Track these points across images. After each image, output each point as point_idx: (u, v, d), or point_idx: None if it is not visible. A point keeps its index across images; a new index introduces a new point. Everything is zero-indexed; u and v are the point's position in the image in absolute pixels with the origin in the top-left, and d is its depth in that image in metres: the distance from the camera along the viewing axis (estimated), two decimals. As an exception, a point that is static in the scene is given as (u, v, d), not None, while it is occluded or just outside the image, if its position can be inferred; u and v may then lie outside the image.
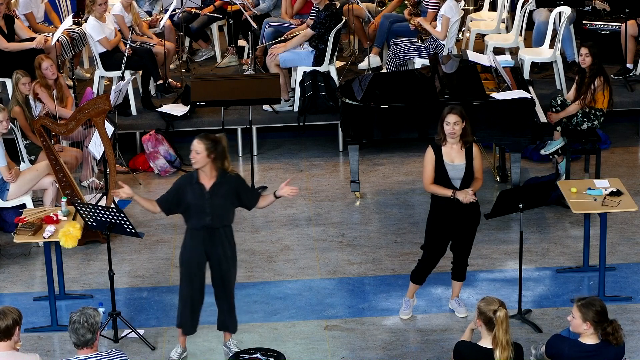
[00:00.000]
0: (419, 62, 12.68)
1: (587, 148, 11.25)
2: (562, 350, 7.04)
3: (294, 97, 12.78)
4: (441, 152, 8.65)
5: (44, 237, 9.06)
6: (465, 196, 8.56)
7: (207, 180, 8.20)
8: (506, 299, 8.08)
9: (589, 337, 7.02)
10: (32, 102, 11.22)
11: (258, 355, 7.96)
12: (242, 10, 13.65)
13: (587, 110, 11.22)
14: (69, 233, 8.87)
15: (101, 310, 7.25)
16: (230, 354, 8.40)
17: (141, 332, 8.97)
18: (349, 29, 14.16)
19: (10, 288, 9.89)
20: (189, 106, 12.53)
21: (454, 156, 8.65)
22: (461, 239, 8.90)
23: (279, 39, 13.11)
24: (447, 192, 8.61)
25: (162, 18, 13.64)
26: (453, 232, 8.83)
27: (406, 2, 13.33)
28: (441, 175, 8.65)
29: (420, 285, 9.10)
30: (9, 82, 12.32)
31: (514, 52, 13.64)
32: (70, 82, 12.86)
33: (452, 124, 8.56)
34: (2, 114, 10.15)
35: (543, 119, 11.01)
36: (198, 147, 8.13)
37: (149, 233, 10.66)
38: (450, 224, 8.77)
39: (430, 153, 8.69)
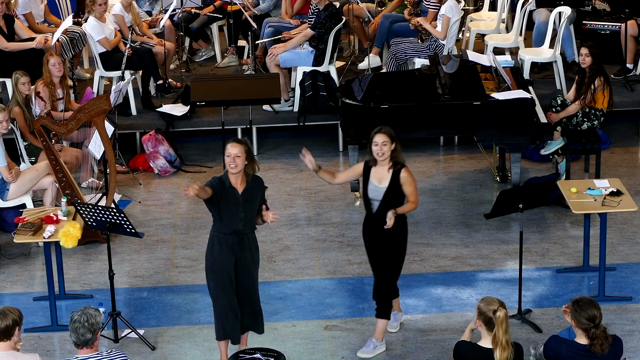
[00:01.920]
0: (419, 62, 12.67)
1: (587, 148, 11.25)
2: (560, 352, 7.04)
3: (294, 97, 12.78)
4: (370, 170, 8.41)
5: (44, 237, 9.06)
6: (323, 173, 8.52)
7: (239, 184, 8.03)
8: (506, 299, 8.08)
9: (583, 338, 7.02)
10: (33, 101, 11.22)
11: (258, 355, 7.95)
12: (242, 10, 13.65)
13: (587, 110, 11.22)
14: (69, 233, 8.87)
15: (101, 310, 7.24)
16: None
17: (141, 332, 8.97)
18: (349, 29, 14.16)
19: (10, 288, 9.89)
20: (189, 106, 12.53)
21: (380, 177, 8.35)
22: (376, 263, 8.52)
23: (277, 37, 13.12)
24: (329, 177, 8.58)
25: (162, 18, 13.64)
26: (371, 253, 8.55)
27: (406, 2, 13.34)
28: (364, 192, 8.43)
29: (395, 297, 8.77)
30: (9, 82, 12.32)
31: (514, 52, 13.64)
32: (70, 82, 12.86)
33: (381, 144, 8.26)
34: (2, 114, 10.15)
35: (543, 119, 11.01)
36: (238, 151, 7.93)
37: (149, 233, 10.65)
38: (367, 239, 8.53)
39: (360, 165, 8.49)
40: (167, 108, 12.64)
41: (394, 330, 8.93)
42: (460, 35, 13.86)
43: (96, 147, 10.67)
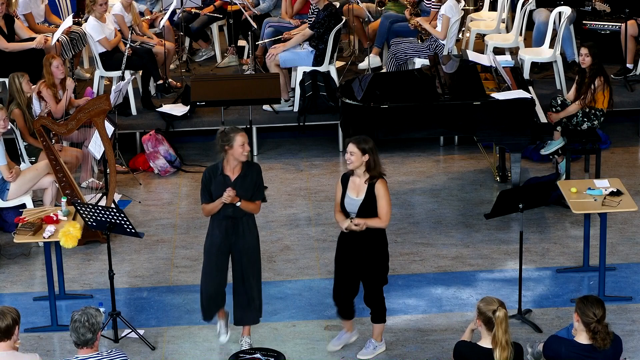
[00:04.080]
0: (419, 62, 12.68)
1: (587, 148, 11.25)
2: (559, 351, 7.04)
3: (294, 97, 12.78)
4: (347, 182, 8.32)
5: (44, 237, 9.06)
6: (344, 224, 8.19)
7: (232, 172, 8.29)
8: (506, 299, 8.09)
9: (583, 336, 7.02)
10: (35, 101, 11.21)
11: (258, 355, 7.96)
12: (242, 10, 13.65)
13: (587, 110, 11.22)
14: (69, 233, 8.87)
15: (102, 310, 7.24)
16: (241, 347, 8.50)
17: (141, 332, 8.97)
18: (349, 29, 14.16)
19: (10, 288, 9.89)
20: (189, 106, 12.53)
21: (356, 189, 8.23)
22: (363, 272, 8.41)
23: (277, 37, 13.13)
24: (340, 221, 8.24)
25: (162, 17, 13.64)
26: (354, 265, 8.38)
27: (406, 2, 13.33)
28: (341, 205, 8.32)
29: (349, 318, 8.65)
30: (7, 84, 12.29)
31: (514, 52, 13.64)
32: (74, 83, 12.84)
33: (348, 153, 8.14)
34: (0, 113, 10.14)
35: (543, 119, 11.01)
36: (247, 140, 8.21)
37: (149, 233, 10.65)
38: (348, 255, 8.38)
39: (339, 180, 8.38)
40: (167, 108, 12.64)
41: (334, 348, 8.72)
42: (460, 35, 13.85)
43: (96, 147, 10.67)
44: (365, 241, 8.26)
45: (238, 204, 8.24)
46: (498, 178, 11.75)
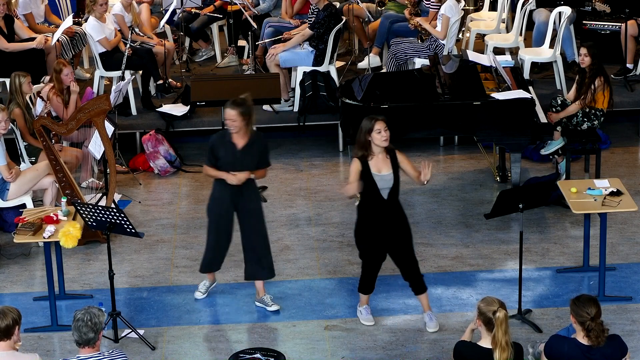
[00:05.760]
0: (419, 62, 12.68)
1: (587, 148, 11.25)
2: (561, 350, 7.04)
3: (294, 97, 12.78)
4: (368, 163, 8.62)
5: (44, 237, 9.06)
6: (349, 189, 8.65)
7: (240, 140, 8.75)
8: (506, 299, 8.09)
9: (581, 336, 7.02)
10: (38, 102, 11.21)
11: (258, 355, 7.96)
12: (242, 10, 13.66)
13: (587, 110, 11.22)
14: (69, 233, 8.87)
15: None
16: (267, 308, 9.08)
17: (141, 332, 8.97)
18: (349, 29, 14.16)
19: (10, 288, 9.89)
20: (189, 106, 12.53)
21: (380, 166, 8.63)
22: (396, 251, 8.78)
23: (277, 37, 13.13)
24: (352, 189, 8.62)
25: (162, 18, 13.64)
26: (384, 243, 8.74)
27: (406, 2, 13.34)
28: (369, 185, 8.60)
29: (369, 294, 9.04)
30: (9, 82, 12.30)
31: (514, 52, 13.64)
32: (77, 88, 12.83)
33: (383, 130, 8.55)
34: (1, 114, 10.15)
35: (543, 119, 11.01)
36: (233, 114, 8.64)
37: (149, 233, 10.65)
38: (378, 234, 8.70)
39: (356, 163, 8.61)
40: (167, 108, 12.64)
41: (370, 323, 9.09)
42: (460, 35, 13.86)
43: (96, 147, 10.67)
44: (399, 216, 8.73)
45: (252, 176, 8.78)
46: (498, 178, 11.75)
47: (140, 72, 12.95)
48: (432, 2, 12.93)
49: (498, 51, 13.37)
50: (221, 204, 8.96)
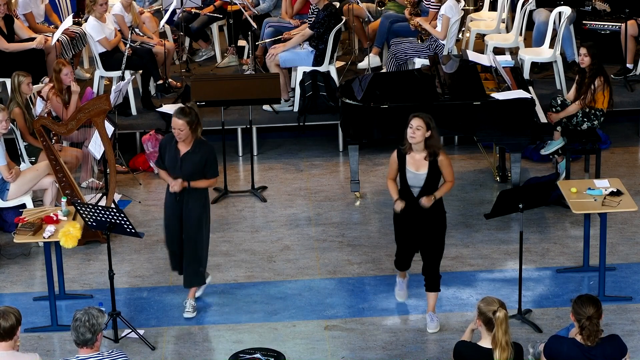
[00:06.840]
0: (419, 62, 12.67)
1: (587, 148, 11.25)
2: (561, 350, 7.04)
3: (294, 97, 12.78)
4: (405, 158, 8.66)
5: (44, 237, 9.06)
6: (398, 206, 8.65)
7: (184, 147, 8.87)
8: (506, 299, 8.08)
9: (578, 335, 7.02)
10: (39, 102, 11.21)
11: (258, 355, 7.96)
12: (242, 10, 13.65)
13: (587, 110, 11.22)
14: (69, 233, 8.87)
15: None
16: (185, 312, 9.12)
17: (141, 332, 8.97)
18: (349, 29, 14.16)
19: (10, 288, 9.89)
20: (189, 106, 12.52)
21: (417, 165, 8.64)
22: (425, 244, 8.85)
23: (277, 37, 13.13)
24: (394, 196, 8.72)
25: (162, 18, 13.64)
26: (416, 235, 8.83)
27: (406, 2, 13.33)
28: (402, 179, 8.69)
29: (406, 269, 9.16)
30: (9, 82, 12.30)
31: (514, 52, 13.64)
32: (78, 88, 12.82)
33: (415, 127, 8.52)
34: (2, 114, 10.15)
35: (543, 119, 11.01)
36: (180, 124, 8.74)
37: (149, 233, 10.65)
38: (411, 226, 8.78)
39: (394, 153, 8.73)
40: (167, 108, 12.62)
41: (402, 299, 9.30)
42: (460, 35, 13.86)
43: (96, 147, 10.67)
44: (427, 213, 8.66)
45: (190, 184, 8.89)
46: (498, 178, 11.75)
47: (140, 72, 12.95)
48: (432, 2, 12.93)
49: (498, 51, 13.37)
50: (166, 208, 9.11)
